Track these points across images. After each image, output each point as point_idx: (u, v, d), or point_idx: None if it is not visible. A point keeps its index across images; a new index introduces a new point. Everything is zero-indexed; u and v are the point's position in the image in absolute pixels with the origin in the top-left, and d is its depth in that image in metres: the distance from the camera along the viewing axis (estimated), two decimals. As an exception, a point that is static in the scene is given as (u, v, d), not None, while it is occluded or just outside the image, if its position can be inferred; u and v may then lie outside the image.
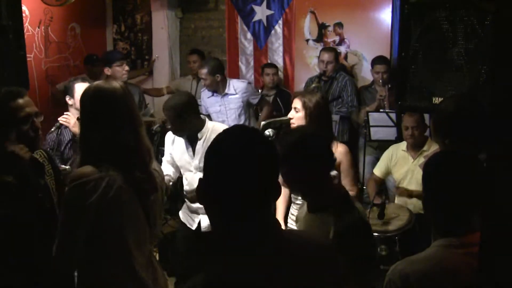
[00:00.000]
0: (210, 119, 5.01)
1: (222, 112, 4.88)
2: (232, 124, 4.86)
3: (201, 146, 3.30)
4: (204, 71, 4.71)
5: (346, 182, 3.04)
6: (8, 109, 2.26)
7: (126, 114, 2.10)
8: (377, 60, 4.96)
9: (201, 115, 3.43)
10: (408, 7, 2.45)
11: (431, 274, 1.59)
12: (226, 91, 4.78)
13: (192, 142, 3.35)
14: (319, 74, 5.16)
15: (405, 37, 2.47)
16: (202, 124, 3.33)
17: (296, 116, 3.06)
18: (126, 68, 4.81)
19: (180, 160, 3.44)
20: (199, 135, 3.30)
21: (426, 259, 1.65)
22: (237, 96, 4.80)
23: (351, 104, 5.04)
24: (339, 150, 3.04)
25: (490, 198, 1.09)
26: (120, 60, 4.79)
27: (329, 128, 3.19)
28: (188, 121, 3.23)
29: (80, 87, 3.41)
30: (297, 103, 3.07)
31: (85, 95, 2.14)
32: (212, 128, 3.33)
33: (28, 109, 2.32)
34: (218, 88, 4.78)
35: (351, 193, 3.01)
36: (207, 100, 4.92)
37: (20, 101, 2.31)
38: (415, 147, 3.91)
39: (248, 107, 4.94)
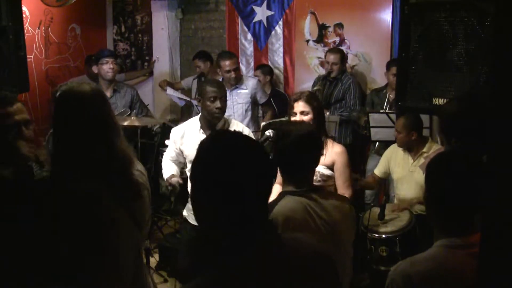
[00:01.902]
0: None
1: (229, 106, 4.88)
2: (238, 118, 4.88)
3: None
4: (233, 60, 4.77)
5: (339, 183, 3.05)
6: None
7: (95, 120, 1.94)
8: (394, 62, 4.86)
9: None
10: (408, 8, 2.44)
11: (433, 275, 1.59)
12: (237, 85, 4.82)
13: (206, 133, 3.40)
14: (324, 75, 5.19)
15: (405, 37, 2.46)
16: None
17: (305, 119, 3.00)
18: (111, 66, 4.74)
19: (191, 153, 3.44)
20: (216, 128, 3.35)
21: (428, 259, 1.65)
22: (246, 91, 4.84)
23: (353, 108, 5.03)
24: (334, 150, 3.05)
25: (490, 198, 1.09)
26: (106, 58, 4.76)
27: (324, 120, 3.24)
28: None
29: None
30: (303, 106, 3.00)
31: (56, 99, 1.99)
32: (229, 122, 3.44)
33: (17, 117, 2.23)
34: (236, 81, 4.83)
35: (345, 195, 2.98)
36: None
37: (9, 109, 2.22)
38: (414, 146, 3.90)
39: (254, 106, 4.94)
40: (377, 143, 4.82)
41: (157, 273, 4.37)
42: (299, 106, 3.01)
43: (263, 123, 3.78)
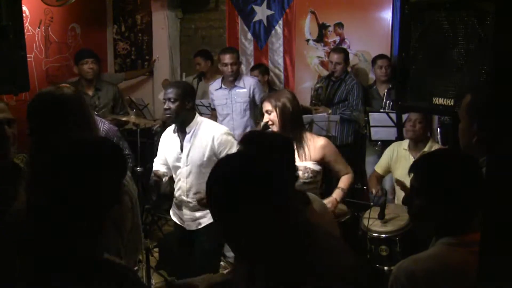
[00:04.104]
0: (215, 112, 5.05)
1: (227, 105, 4.90)
2: (237, 117, 4.87)
3: (188, 141, 3.28)
4: (233, 54, 4.81)
5: (340, 168, 3.24)
6: None
7: (79, 121, 1.96)
8: (379, 56, 5.08)
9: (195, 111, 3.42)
10: (409, 7, 2.45)
11: (437, 272, 1.59)
12: (236, 83, 4.82)
13: (181, 137, 3.34)
14: (327, 75, 5.21)
15: (406, 37, 2.46)
16: (192, 117, 3.31)
17: (271, 117, 3.11)
18: (91, 66, 4.92)
19: (171, 159, 3.40)
20: (187, 129, 3.28)
21: (431, 257, 1.65)
22: (245, 90, 4.85)
23: (355, 108, 5.05)
24: (319, 144, 3.12)
25: (490, 197, 1.09)
26: (86, 58, 4.93)
27: (301, 122, 3.30)
28: (185, 108, 3.23)
29: None
30: (266, 106, 3.13)
31: (32, 104, 1.97)
32: (201, 123, 3.31)
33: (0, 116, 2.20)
34: (235, 78, 4.86)
35: (350, 175, 3.27)
36: (214, 93, 4.96)
37: None
38: (416, 145, 3.91)
39: (253, 105, 4.95)
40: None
41: (157, 272, 4.37)
42: (264, 106, 3.16)
43: (262, 123, 3.77)
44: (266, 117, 3.13)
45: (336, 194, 3.22)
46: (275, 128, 3.09)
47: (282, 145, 2.08)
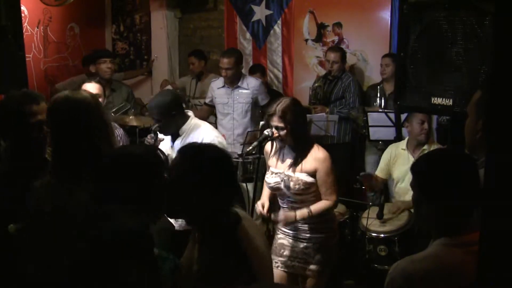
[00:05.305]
0: (205, 107, 5.05)
1: (229, 105, 4.88)
2: (238, 117, 4.85)
3: (179, 143, 3.25)
4: (230, 60, 4.71)
5: (322, 191, 3.02)
6: (20, 113, 2.24)
7: (99, 123, 2.04)
8: (384, 55, 5.10)
9: (187, 112, 3.40)
10: (407, 7, 2.45)
11: (433, 272, 1.59)
12: (239, 84, 4.80)
13: (174, 139, 3.33)
14: (325, 74, 5.22)
15: (404, 37, 2.46)
16: (184, 121, 3.29)
17: (281, 133, 2.97)
18: (109, 65, 4.90)
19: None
20: (180, 132, 3.28)
21: (428, 258, 1.65)
22: (248, 91, 4.82)
23: (352, 106, 5.05)
24: (316, 156, 3.01)
25: (489, 197, 1.09)
26: (103, 57, 4.92)
27: (306, 132, 3.20)
28: (174, 119, 3.23)
29: (90, 87, 3.43)
30: (277, 121, 2.95)
31: (55, 105, 2.06)
32: (193, 126, 3.30)
33: (40, 117, 2.26)
34: (234, 80, 4.81)
35: (328, 202, 3.02)
36: (217, 91, 4.93)
37: (34, 107, 2.26)
38: (416, 145, 3.91)
39: (255, 107, 4.93)
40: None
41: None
42: (274, 121, 2.98)
43: (261, 122, 3.78)
44: (275, 132, 2.97)
45: (300, 212, 3.01)
46: (282, 143, 3.01)
47: (217, 161, 1.88)
